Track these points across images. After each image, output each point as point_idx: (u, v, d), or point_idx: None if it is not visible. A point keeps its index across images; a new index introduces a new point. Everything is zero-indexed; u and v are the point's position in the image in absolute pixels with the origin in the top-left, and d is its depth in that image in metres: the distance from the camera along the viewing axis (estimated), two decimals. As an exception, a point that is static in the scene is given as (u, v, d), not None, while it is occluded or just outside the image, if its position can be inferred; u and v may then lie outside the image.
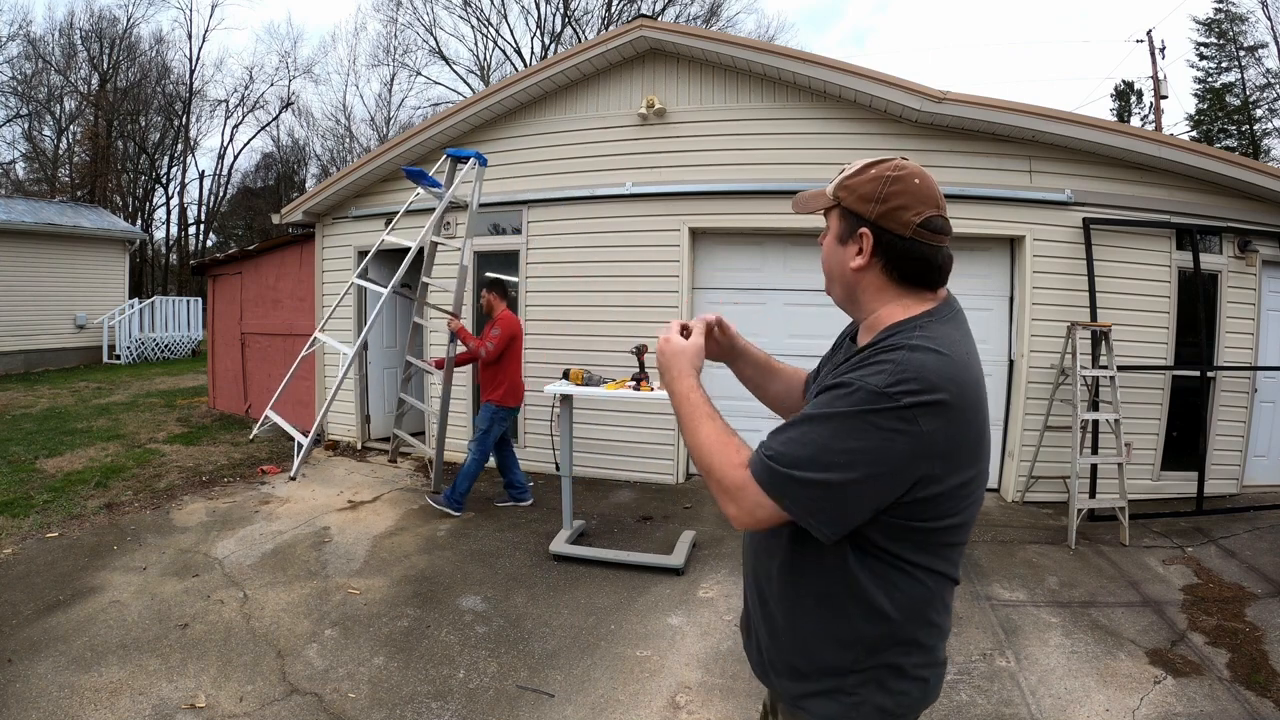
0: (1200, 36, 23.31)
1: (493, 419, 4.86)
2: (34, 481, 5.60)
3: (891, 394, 0.95)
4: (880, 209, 1.09)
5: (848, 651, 1.10)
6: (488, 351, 4.75)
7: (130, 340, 14.90)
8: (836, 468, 0.97)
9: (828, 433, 0.98)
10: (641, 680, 2.88)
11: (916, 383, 0.96)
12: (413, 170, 4.82)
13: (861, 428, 0.96)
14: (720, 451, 1.08)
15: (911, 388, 0.96)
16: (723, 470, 1.06)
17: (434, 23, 32.59)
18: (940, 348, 1.01)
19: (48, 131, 25.72)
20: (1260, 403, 5.52)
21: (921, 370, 0.97)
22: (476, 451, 4.88)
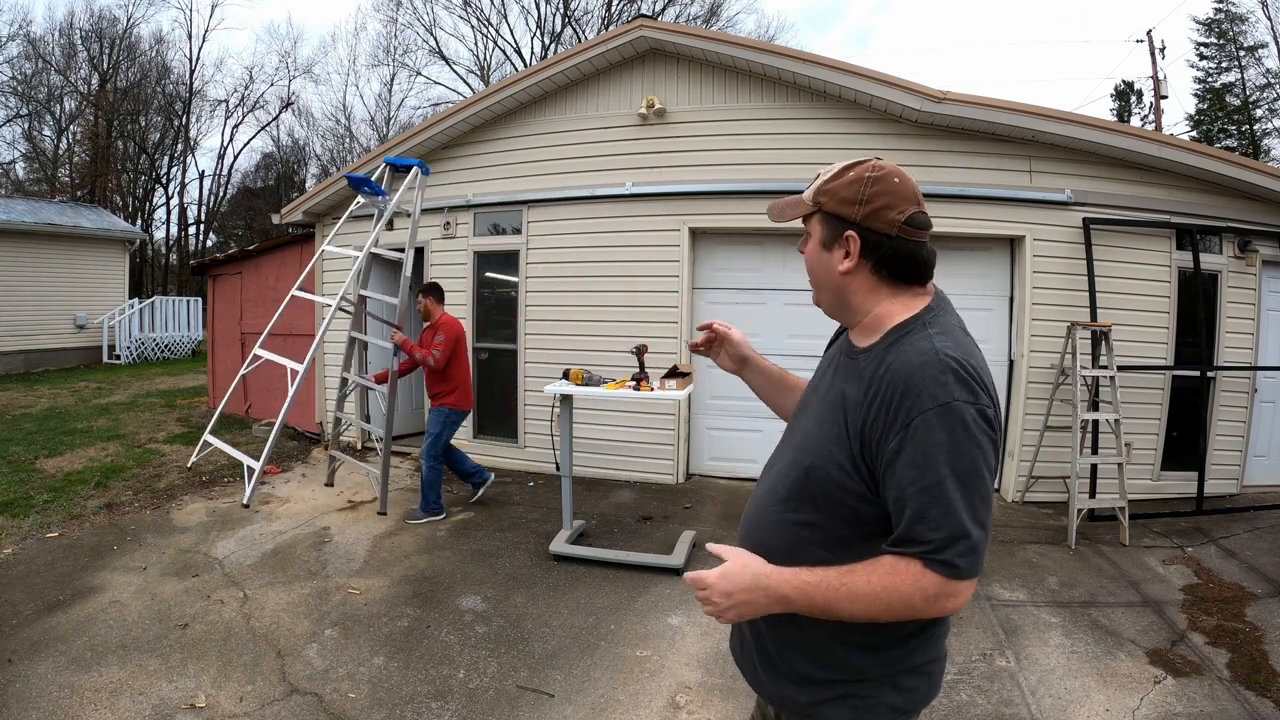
0: (1200, 36, 23.32)
1: (444, 423, 4.81)
2: (34, 481, 5.60)
3: (971, 403, 0.99)
4: (864, 210, 1.09)
5: (868, 654, 1.11)
6: (436, 360, 4.68)
7: (130, 340, 14.90)
8: (987, 497, 1.00)
9: (975, 475, 0.98)
10: (641, 680, 2.88)
11: (980, 387, 1.01)
12: (355, 177, 4.72)
13: (980, 449, 0.99)
14: (891, 591, 0.99)
15: (982, 397, 1.00)
16: (914, 598, 0.98)
17: (434, 23, 32.61)
18: (954, 335, 1.07)
19: (48, 131, 25.75)
20: (1260, 403, 5.52)
21: (973, 368, 1.02)
22: (431, 459, 4.82)
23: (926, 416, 0.98)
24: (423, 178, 4.88)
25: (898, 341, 1.08)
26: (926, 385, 0.99)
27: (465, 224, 6.43)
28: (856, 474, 1.06)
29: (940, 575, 0.97)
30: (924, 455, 0.97)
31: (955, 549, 0.96)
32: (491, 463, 6.40)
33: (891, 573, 0.99)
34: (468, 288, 6.43)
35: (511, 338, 6.33)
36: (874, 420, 1.03)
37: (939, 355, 1.01)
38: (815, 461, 1.12)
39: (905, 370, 1.02)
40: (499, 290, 6.52)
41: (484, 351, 6.51)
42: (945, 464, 0.96)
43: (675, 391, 3.96)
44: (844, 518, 1.10)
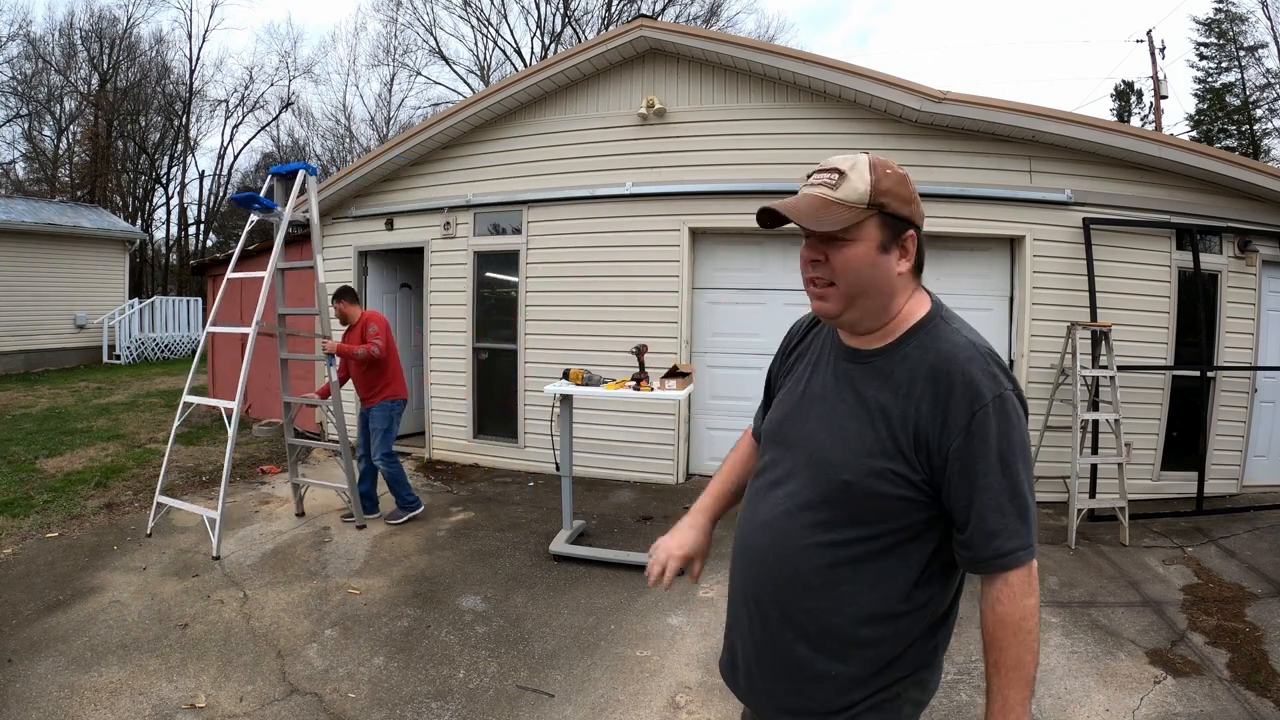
0: (1200, 36, 23.31)
1: (391, 416, 4.71)
2: (34, 481, 5.60)
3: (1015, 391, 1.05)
4: (915, 208, 1.10)
5: (906, 656, 1.11)
6: (380, 348, 4.58)
7: (130, 340, 14.90)
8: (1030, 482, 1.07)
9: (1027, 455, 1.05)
10: (641, 680, 2.88)
11: (1010, 372, 1.06)
12: (241, 196, 4.62)
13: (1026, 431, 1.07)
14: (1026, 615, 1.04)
15: (1016, 381, 1.07)
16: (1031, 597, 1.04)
17: (434, 23, 32.57)
18: (967, 325, 1.12)
19: (48, 131, 25.72)
20: (1260, 403, 5.51)
21: (1000, 355, 1.08)
22: (386, 457, 4.68)
23: (987, 410, 1.01)
24: (312, 180, 4.55)
25: (924, 337, 1.09)
26: (980, 378, 1.02)
27: (465, 224, 6.43)
28: (910, 481, 1.04)
29: (1025, 565, 1.04)
30: (993, 448, 1.01)
31: (1026, 531, 1.04)
32: (492, 463, 6.42)
33: (1012, 602, 1.04)
34: (468, 288, 6.43)
35: (511, 338, 6.33)
36: (925, 419, 1.03)
37: (978, 348, 1.05)
38: (854, 477, 1.06)
39: (953, 366, 1.03)
40: (499, 290, 6.52)
41: (484, 351, 6.51)
42: (1006, 454, 1.02)
43: (675, 391, 3.96)
44: (889, 526, 1.07)
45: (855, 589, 1.09)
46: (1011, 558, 1.02)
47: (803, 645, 1.13)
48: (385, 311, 7.00)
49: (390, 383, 4.76)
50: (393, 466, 4.73)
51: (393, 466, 4.73)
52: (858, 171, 1.07)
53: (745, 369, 5.83)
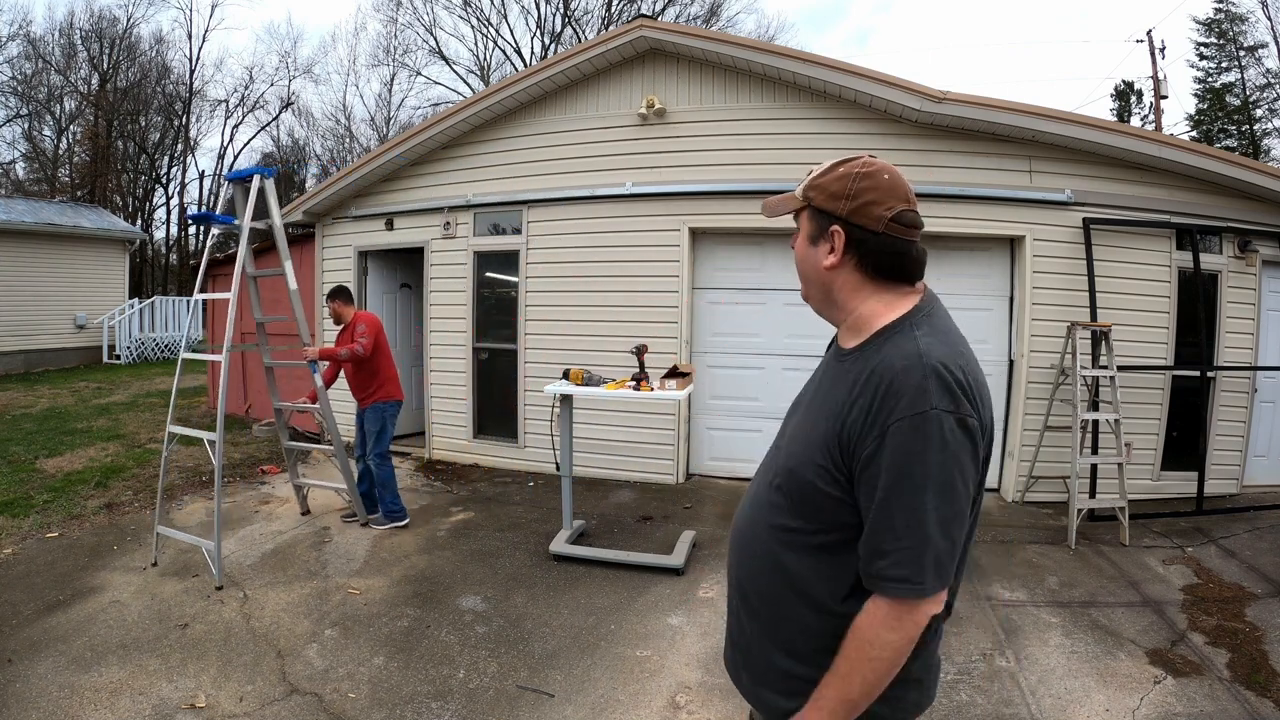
0: (1200, 36, 23.31)
1: (384, 417, 4.67)
2: (34, 481, 5.60)
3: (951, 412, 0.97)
4: (850, 205, 1.09)
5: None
6: (364, 347, 4.49)
7: (130, 340, 14.90)
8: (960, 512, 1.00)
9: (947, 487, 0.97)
10: (641, 680, 2.88)
11: (964, 393, 0.98)
12: (195, 215, 4.59)
13: (955, 461, 0.97)
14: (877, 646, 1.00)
15: (964, 405, 0.98)
16: (893, 629, 1.00)
17: (434, 23, 32.59)
18: (943, 337, 1.05)
19: (48, 131, 25.73)
20: (1260, 403, 5.51)
21: (961, 373, 1.00)
22: (379, 457, 4.66)
23: (903, 424, 0.96)
24: (269, 182, 4.25)
25: (884, 342, 1.07)
26: (906, 390, 0.97)
27: (465, 224, 6.43)
28: (833, 479, 1.05)
29: (899, 598, 0.98)
30: (896, 465, 0.96)
31: (912, 565, 0.97)
32: (492, 463, 6.42)
33: (872, 624, 1.01)
34: (468, 288, 6.43)
35: (511, 338, 6.33)
36: (853, 423, 1.02)
37: (922, 358, 0.99)
38: (795, 465, 1.11)
39: (888, 373, 1.00)
40: (499, 290, 6.52)
41: (484, 351, 6.51)
42: (914, 476, 0.96)
43: (675, 391, 3.96)
44: (823, 523, 1.08)
45: (796, 581, 1.11)
46: (888, 585, 0.98)
47: (756, 629, 1.18)
48: (385, 311, 7.02)
49: (383, 384, 4.70)
50: (384, 470, 4.67)
51: (384, 470, 4.67)
52: (819, 167, 1.15)
53: (745, 369, 5.84)
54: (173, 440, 4.11)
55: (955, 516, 0.98)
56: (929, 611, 1.00)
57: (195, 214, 4.56)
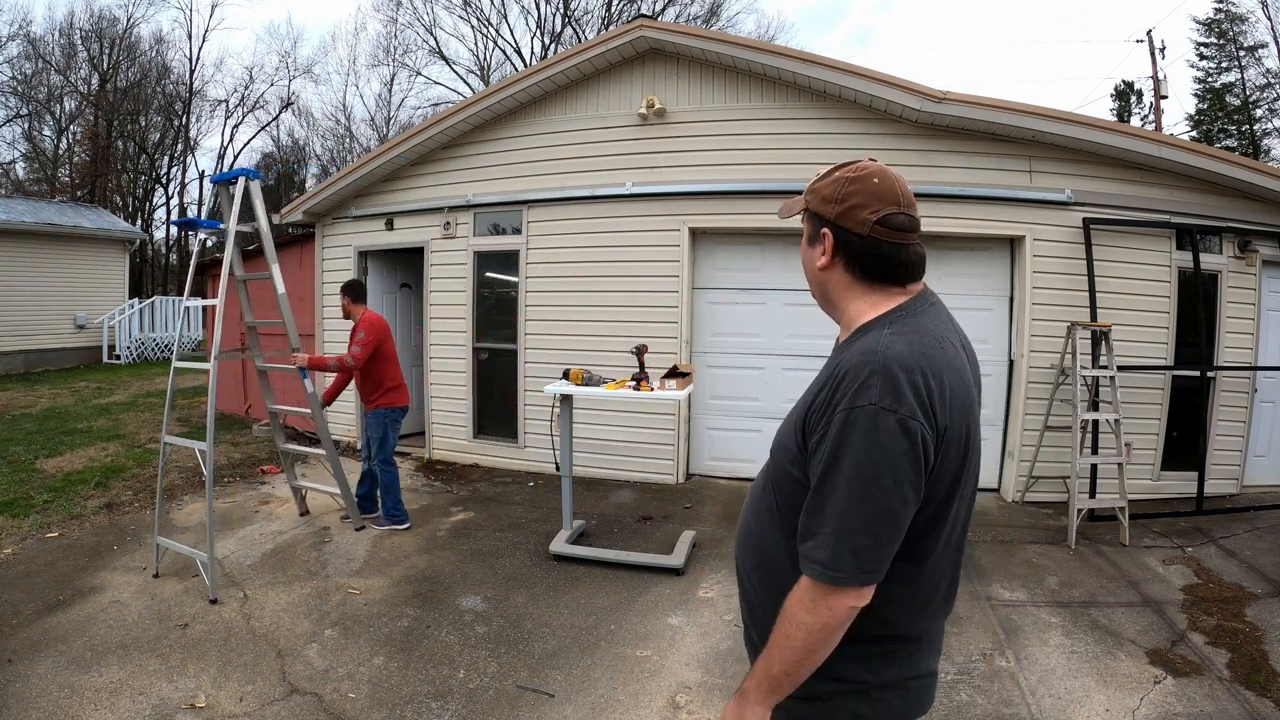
0: (1200, 36, 23.32)
1: (385, 424, 4.63)
2: (34, 481, 5.60)
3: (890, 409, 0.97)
4: (838, 209, 1.13)
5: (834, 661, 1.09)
6: (355, 357, 4.44)
7: (130, 340, 14.90)
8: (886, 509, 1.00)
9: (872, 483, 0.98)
10: (641, 680, 2.88)
11: (913, 394, 0.98)
12: (181, 220, 4.49)
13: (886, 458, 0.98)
14: (794, 615, 1.03)
15: (907, 405, 0.98)
16: (803, 610, 1.02)
17: (434, 23, 32.57)
18: (910, 336, 1.05)
19: (48, 131, 25.73)
20: (1260, 403, 5.51)
21: (917, 374, 1.00)
22: (383, 463, 4.65)
23: (842, 414, 1.00)
24: (254, 184, 4.15)
25: (857, 339, 1.10)
26: (853, 384, 1.00)
27: (465, 224, 6.43)
28: (797, 462, 1.11)
29: (816, 580, 1.00)
30: (830, 453, 1.00)
31: (830, 552, 0.99)
32: (492, 463, 6.42)
33: (793, 602, 1.04)
34: (468, 288, 6.43)
35: (511, 338, 6.33)
36: (814, 411, 1.07)
37: (876, 354, 1.01)
38: (776, 448, 1.19)
39: (844, 366, 1.04)
40: (499, 290, 6.52)
41: (484, 351, 6.51)
42: (843, 468, 0.98)
43: (675, 391, 3.96)
44: (791, 506, 1.12)
45: (776, 562, 1.15)
46: (810, 566, 1.01)
47: (754, 609, 1.25)
48: (385, 311, 7.01)
49: (387, 390, 4.63)
50: (387, 475, 4.66)
51: (387, 475, 4.66)
52: (820, 172, 1.21)
53: (745, 369, 5.84)
54: (168, 450, 4.08)
55: (881, 515, 0.97)
56: (849, 603, 1.00)
57: (180, 219, 4.51)
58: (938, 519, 1.07)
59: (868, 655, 1.10)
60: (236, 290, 4.53)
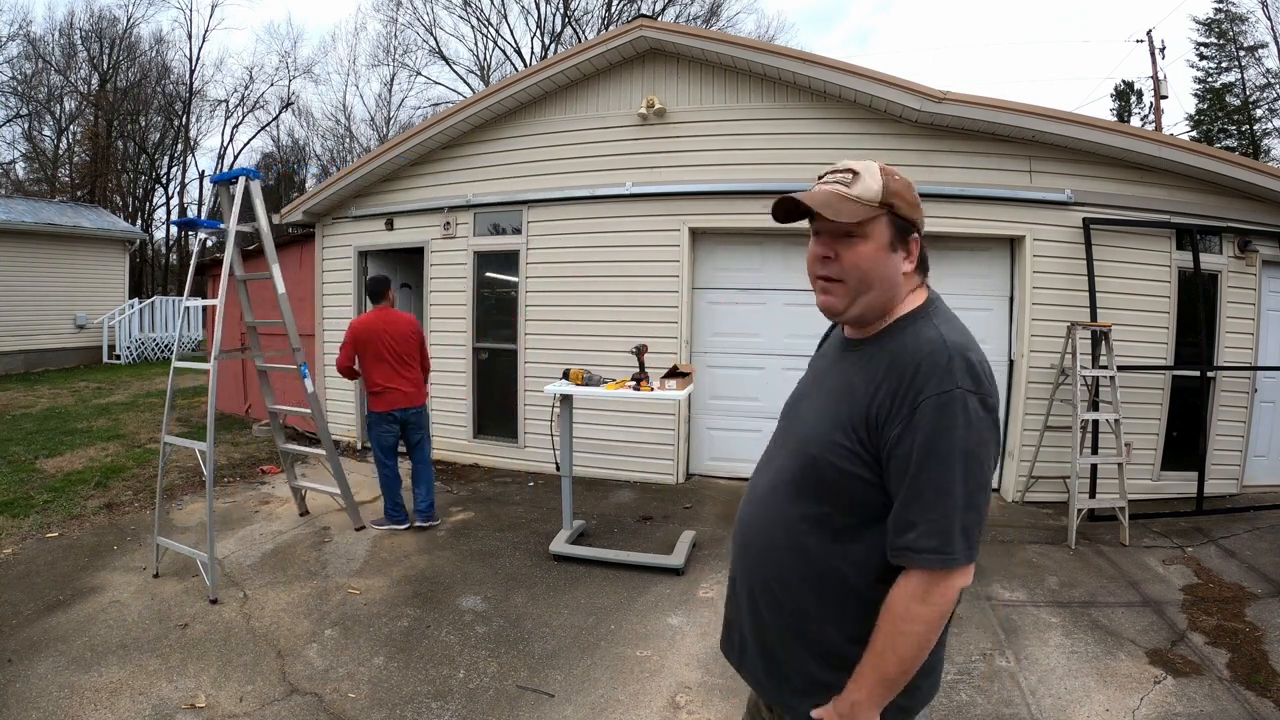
0: (1200, 36, 23.32)
1: (370, 427, 4.67)
2: (34, 481, 5.60)
3: (974, 392, 1.03)
4: (919, 213, 1.17)
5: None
6: (337, 362, 4.58)
7: (130, 340, 14.90)
8: (985, 485, 1.05)
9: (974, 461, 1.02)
10: (641, 680, 2.88)
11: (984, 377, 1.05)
12: (181, 220, 4.47)
13: (980, 437, 1.03)
14: (909, 620, 1.04)
15: (985, 386, 1.05)
16: (927, 599, 1.03)
17: (434, 23, 32.58)
18: (958, 325, 1.13)
19: (48, 131, 25.73)
20: (1260, 403, 5.51)
21: (978, 359, 1.06)
22: (378, 464, 4.70)
23: (930, 401, 1.02)
24: (254, 184, 4.13)
25: (904, 329, 1.13)
26: (934, 371, 1.03)
27: (465, 224, 6.43)
28: (861, 459, 1.09)
29: (927, 569, 1.02)
30: (925, 440, 1.01)
31: (941, 536, 1.01)
32: (492, 463, 6.42)
33: (904, 598, 1.04)
34: (468, 288, 6.43)
35: (511, 338, 6.33)
36: (880, 404, 1.07)
37: (945, 343, 1.06)
38: (818, 452, 1.14)
39: (914, 356, 1.06)
40: (499, 290, 6.52)
41: (484, 351, 6.51)
42: (942, 451, 1.01)
43: (675, 391, 3.96)
44: (848, 505, 1.12)
45: (824, 568, 1.13)
46: (918, 556, 1.02)
47: (780, 624, 1.19)
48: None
49: (371, 394, 4.59)
50: (381, 473, 4.69)
51: (381, 473, 4.69)
52: (870, 172, 1.14)
53: (745, 369, 5.84)
54: (168, 450, 4.08)
55: (980, 488, 1.03)
56: (959, 584, 1.03)
57: (180, 219, 4.48)
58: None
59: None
60: (236, 290, 4.53)
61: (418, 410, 4.66)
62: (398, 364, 4.57)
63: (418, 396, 4.64)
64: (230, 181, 4.17)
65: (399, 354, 4.56)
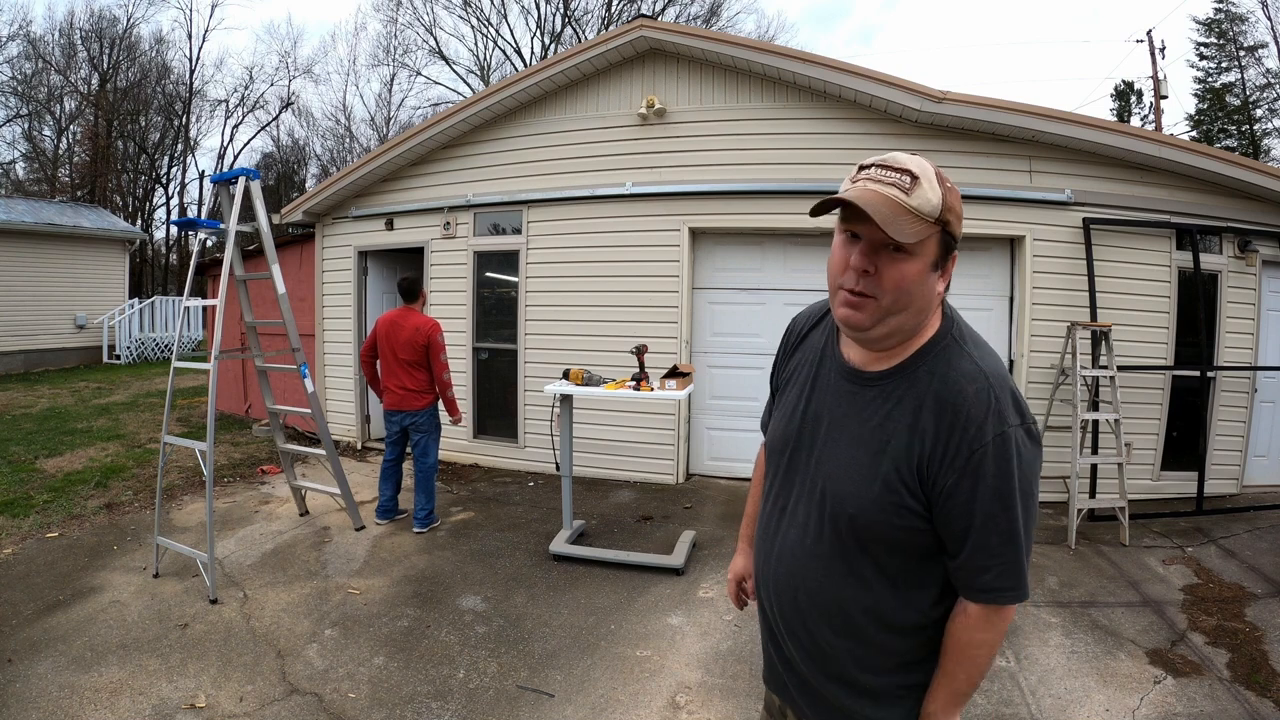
0: (1200, 36, 23.33)
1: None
2: (34, 481, 5.60)
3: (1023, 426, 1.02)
4: (962, 224, 1.06)
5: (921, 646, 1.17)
6: (361, 349, 4.81)
7: (130, 340, 14.91)
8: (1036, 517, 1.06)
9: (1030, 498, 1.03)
10: (641, 680, 2.88)
11: (1023, 404, 1.04)
12: (181, 220, 4.48)
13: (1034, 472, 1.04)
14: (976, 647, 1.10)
15: (1029, 414, 1.04)
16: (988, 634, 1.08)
17: (434, 23, 32.64)
18: (988, 349, 1.10)
19: (48, 131, 25.74)
20: (1260, 403, 5.51)
21: (1013, 384, 1.05)
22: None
23: (987, 449, 0.98)
24: (254, 184, 4.14)
25: (933, 361, 1.05)
26: (985, 414, 0.99)
27: (465, 224, 6.43)
28: (914, 512, 1.04)
29: (998, 605, 1.06)
30: (987, 488, 0.99)
31: (1014, 576, 1.04)
32: (492, 463, 6.42)
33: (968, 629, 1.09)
34: (468, 288, 6.43)
35: (511, 338, 6.33)
36: (930, 454, 1.02)
37: (988, 379, 1.01)
38: (859, 510, 1.07)
39: (958, 398, 1.01)
40: (499, 290, 6.52)
41: (484, 351, 6.51)
42: (1007, 493, 0.99)
43: (675, 391, 3.96)
44: (902, 554, 1.09)
45: (879, 613, 1.11)
46: (989, 595, 1.05)
47: (834, 679, 1.17)
48: (385, 311, 7.01)
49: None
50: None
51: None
52: (928, 179, 1.00)
53: (745, 369, 5.84)
54: (169, 450, 4.08)
55: (1035, 519, 1.04)
56: (1015, 610, 1.09)
57: (180, 219, 4.45)
58: None
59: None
60: (236, 290, 4.53)
61: (411, 414, 4.63)
62: (394, 364, 4.60)
63: (410, 400, 4.61)
64: (230, 181, 4.17)
65: (396, 355, 4.59)
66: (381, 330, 4.63)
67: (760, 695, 2.71)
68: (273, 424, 4.78)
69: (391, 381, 4.62)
